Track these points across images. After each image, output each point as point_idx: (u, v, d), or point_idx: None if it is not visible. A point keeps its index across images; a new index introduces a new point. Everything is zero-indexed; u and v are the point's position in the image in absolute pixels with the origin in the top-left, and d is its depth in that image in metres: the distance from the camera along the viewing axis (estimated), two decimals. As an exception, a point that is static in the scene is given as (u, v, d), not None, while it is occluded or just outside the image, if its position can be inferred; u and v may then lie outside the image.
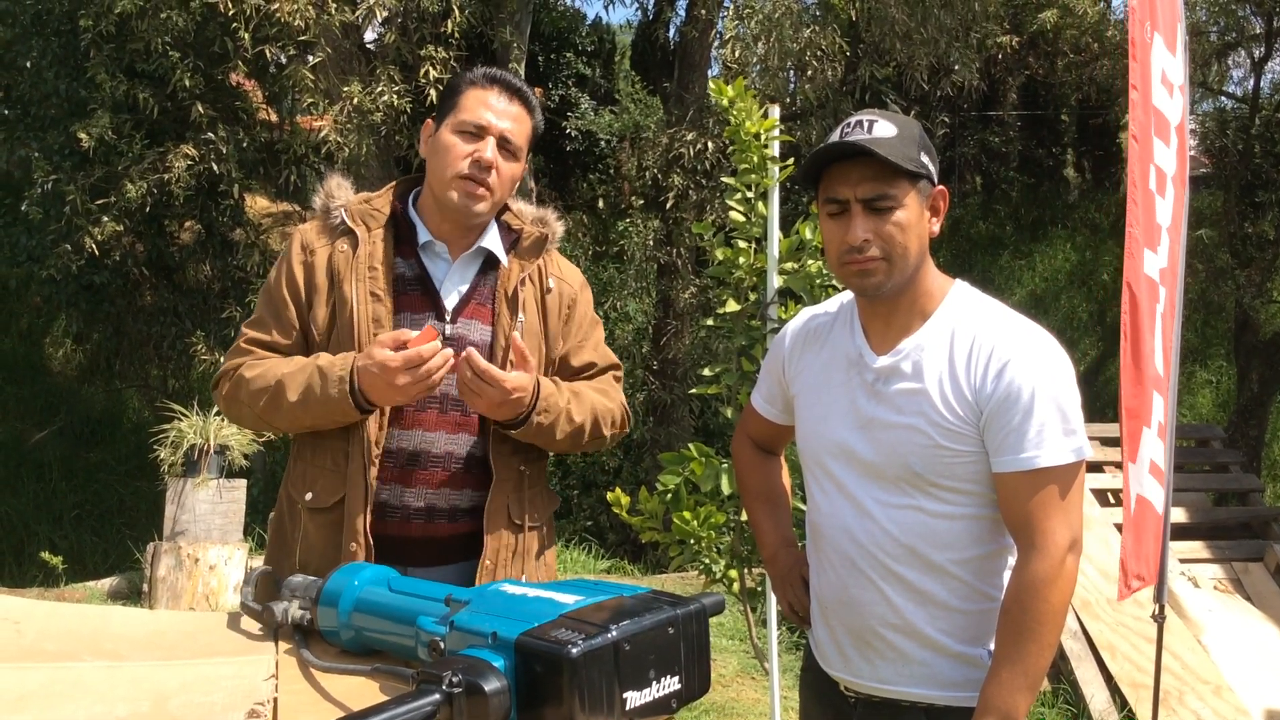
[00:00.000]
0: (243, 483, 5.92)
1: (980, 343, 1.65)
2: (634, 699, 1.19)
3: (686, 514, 2.93)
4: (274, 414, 1.87)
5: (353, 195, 1.98)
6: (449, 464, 1.91)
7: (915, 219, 1.65)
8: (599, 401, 2.01)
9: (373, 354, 1.75)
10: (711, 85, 2.93)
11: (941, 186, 1.71)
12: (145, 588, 5.52)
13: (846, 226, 1.66)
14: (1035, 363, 1.63)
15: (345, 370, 1.79)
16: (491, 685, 1.13)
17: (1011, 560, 1.71)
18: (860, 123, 1.67)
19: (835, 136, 1.68)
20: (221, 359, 7.52)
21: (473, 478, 1.93)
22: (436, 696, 1.12)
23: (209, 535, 5.66)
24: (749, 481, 2.09)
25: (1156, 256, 3.04)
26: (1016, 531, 1.64)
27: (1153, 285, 3.00)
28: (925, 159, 1.66)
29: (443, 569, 1.89)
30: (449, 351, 1.76)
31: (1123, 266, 3.01)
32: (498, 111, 1.89)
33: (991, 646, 1.69)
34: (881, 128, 1.64)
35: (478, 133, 1.88)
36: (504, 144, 1.90)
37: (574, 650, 1.13)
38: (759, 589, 3.17)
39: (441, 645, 1.26)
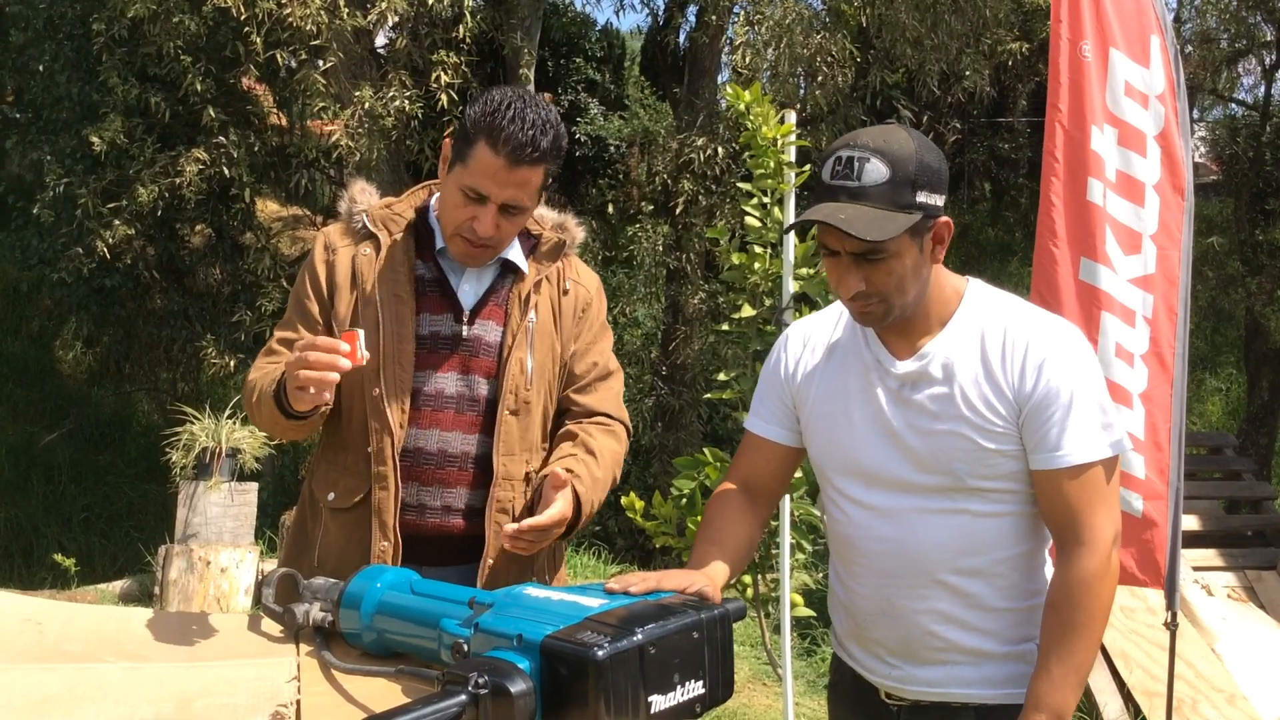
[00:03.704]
0: (254, 486, 5.92)
1: (1013, 339, 1.63)
2: (659, 703, 1.19)
3: (700, 519, 2.92)
4: (254, 416, 1.89)
5: (375, 200, 1.99)
6: (465, 463, 1.92)
7: (911, 261, 1.59)
8: (613, 450, 1.98)
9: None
10: (728, 90, 2.93)
11: (945, 218, 1.63)
12: (156, 590, 5.52)
13: (840, 272, 1.62)
14: (1071, 358, 1.61)
15: (281, 370, 1.78)
16: (518, 687, 1.13)
17: (1047, 555, 1.70)
18: (851, 161, 1.56)
19: (825, 172, 1.60)
20: (231, 363, 7.52)
21: (489, 477, 1.93)
22: (463, 697, 1.11)
23: (220, 538, 5.67)
24: (716, 532, 1.79)
25: (1126, 265, 3.12)
26: (1060, 528, 1.63)
27: (1090, 292, 3.06)
28: (923, 196, 1.57)
29: (456, 569, 1.89)
30: (346, 364, 1.63)
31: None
32: (502, 181, 1.80)
33: (1038, 640, 1.68)
34: (872, 169, 1.55)
35: (479, 199, 1.83)
36: (507, 209, 1.84)
37: (600, 653, 1.13)
38: (772, 594, 3.17)
39: (465, 647, 1.26)
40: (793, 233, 3.00)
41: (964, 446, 1.62)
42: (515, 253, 1.98)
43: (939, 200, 1.60)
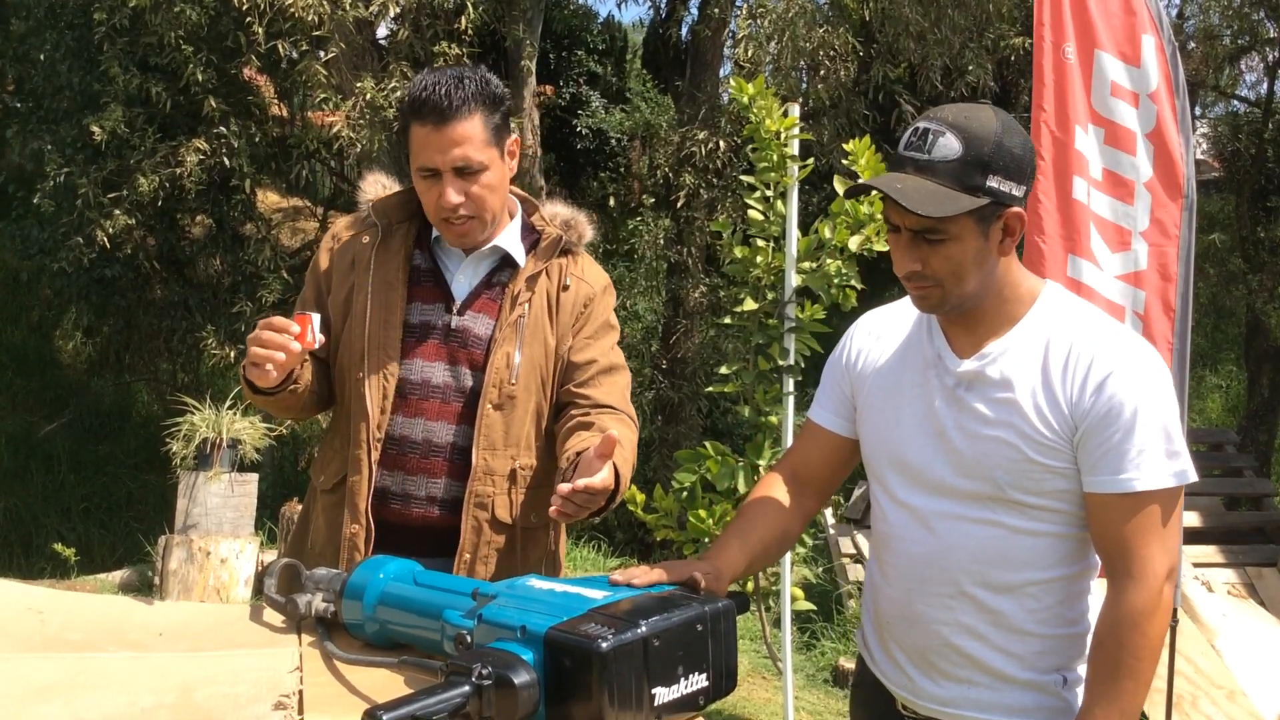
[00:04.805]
0: (254, 477, 5.91)
1: (1078, 351, 1.53)
2: (663, 695, 1.19)
3: (702, 512, 2.92)
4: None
5: (383, 192, 2.01)
6: (449, 455, 1.91)
7: (973, 248, 1.51)
8: (628, 436, 1.92)
9: None
10: (732, 83, 2.93)
11: (1018, 209, 1.53)
12: (156, 581, 5.53)
13: (899, 249, 1.56)
14: (1139, 376, 1.50)
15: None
16: (521, 678, 1.13)
17: (1092, 584, 1.62)
18: (926, 133, 1.50)
19: (901, 143, 1.54)
20: (231, 354, 7.53)
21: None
22: (466, 688, 1.11)
23: (220, 529, 5.67)
24: (746, 523, 1.74)
25: (1113, 262, 3.15)
26: (1110, 558, 1.53)
27: (1075, 288, 3.08)
28: (995, 181, 1.48)
29: (443, 559, 1.88)
30: (296, 347, 1.71)
31: None
32: (440, 145, 1.81)
33: (1073, 672, 1.60)
34: (945, 144, 1.48)
35: (433, 175, 1.84)
36: (461, 171, 1.84)
37: (604, 645, 1.13)
38: (773, 589, 3.17)
39: (469, 638, 1.25)
40: (795, 226, 2.99)
41: (1009, 455, 1.54)
42: (514, 246, 1.97)
43: (1015, 189, 1.51)
